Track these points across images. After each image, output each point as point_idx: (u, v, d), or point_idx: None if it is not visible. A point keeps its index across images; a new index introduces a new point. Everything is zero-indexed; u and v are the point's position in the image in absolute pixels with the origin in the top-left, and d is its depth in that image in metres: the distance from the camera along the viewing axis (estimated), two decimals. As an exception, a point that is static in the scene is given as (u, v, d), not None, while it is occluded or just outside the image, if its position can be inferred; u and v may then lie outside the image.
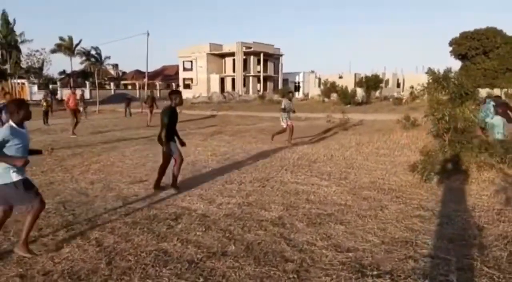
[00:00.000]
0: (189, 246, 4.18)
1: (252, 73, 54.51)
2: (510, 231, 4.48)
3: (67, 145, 11.94)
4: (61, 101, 41.51)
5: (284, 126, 11.64)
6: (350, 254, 3.94)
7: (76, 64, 63.09)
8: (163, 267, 3.72)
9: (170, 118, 6.32)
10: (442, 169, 6.93)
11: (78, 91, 30.06)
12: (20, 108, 3.96)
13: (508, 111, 8.94)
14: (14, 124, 3.93)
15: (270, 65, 57.35)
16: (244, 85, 54.52)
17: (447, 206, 5.49)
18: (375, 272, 3.54)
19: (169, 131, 6.34)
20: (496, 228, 4.61)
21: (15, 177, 3.90)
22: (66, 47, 59.09)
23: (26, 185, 4.02)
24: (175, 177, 6.56)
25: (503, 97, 36.28)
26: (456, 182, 6.69)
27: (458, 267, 3.63)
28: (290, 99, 12.10)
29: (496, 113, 8.66)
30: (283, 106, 11.68)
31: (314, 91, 50.74)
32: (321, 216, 5.10)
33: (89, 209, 5.52)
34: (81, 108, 24.68)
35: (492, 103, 8.70)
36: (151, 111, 19.17)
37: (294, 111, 12.05)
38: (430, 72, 14.91)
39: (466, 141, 7.00)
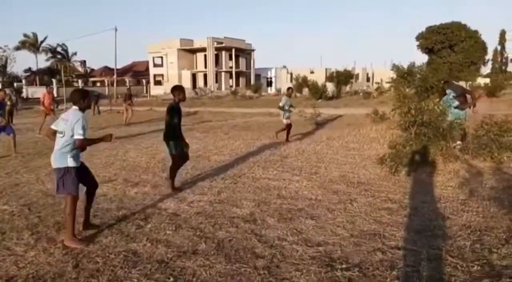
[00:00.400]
0: (159, 246, 4.13)
1: (224, 69, 54.26)
2: (474, 221, 4.64)
3: (32, 146, 11.58)
4: (26, 99, 40.34)
5: (285, 122, 11.26)
6: (320, 248, 3.99)
7: (42, 61, 61.25)
8: (132, 268, 3.66)
9: (179, 115, 6.27)
10: (410, 161, 7.11)
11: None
12: (84, 98, 4.38)
13: (467, 97, 9.06)
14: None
15: (242, 60, 57.20)
16: (216, 81, 54.23)
17: (414, 198, 5.63)
18: (344, 265, 3.60)
19: (179, 129, 6.31)
20: (460, 218, 4.76)
21: (70, 162, 4.25)
22: (31, 44, 57.23)
23: (77, 173, 4.35)
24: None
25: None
26: (422, 174, 6.87)
27: (424, 258, 3.73)
28: (289, 96, 11.77)
29: (456, 106, 8.78)
30: (281, 104, 11.34)
31: (286, 86, 50.94)
32: (292, 211, 5.14)
33: (56, 211, 5.37)
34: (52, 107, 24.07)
35: (452, 94, 8.85)
36: (127, 109, 17.91)
37: (293, 107, 11.72)
38: (395, 68, 15.26)
39: (432, 133, 7.18)
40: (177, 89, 6.41)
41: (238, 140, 11.63)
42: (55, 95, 25.95)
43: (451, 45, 47.82)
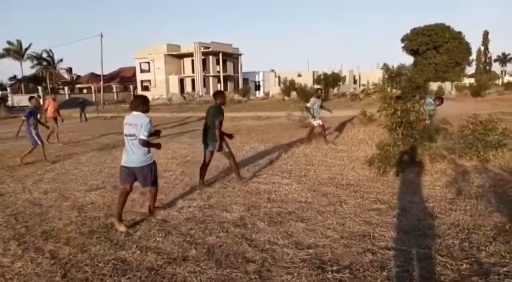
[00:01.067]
0: (148, 253, 4.09)
1: (211, 73, 54.21)
2: (462, 220, 4.69)
3: (18, 154, 11.40)
4: (11, 107, 39.79)
5: (315, 124, 11.01)
6: (311, 251, 3.99)
7: (27, 68, 60.55)
8: (121, 276, 3.62)
9: (222, 116, 6.67)
10: (397, 162, 7.16)
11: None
12: (145, 103, 5.05)
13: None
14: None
15: (230, 65, 57.24)
16: (204, 85, 54.15)
17: (403, 198, 5.67)
18: (334, 268, 3.61)
19: (220, 129, 6.67)
20: (448, 217, 4.81)
21: (151, 160, 5.04)
22: (15, 51, 56.58)
23: (155, 167, 5.13)
24: (237, 171, 7.05)
25: (454, 90, 37.83)
26: (410, 174, 6.94)
27: (414, 257, 3.76)
28: (318, 97, 11.32)
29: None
30: (309, 105, 11.02)
31: (275, 90, 51.17)
32: (282, 215, 5.14)
33: (43, 220, 5.29)
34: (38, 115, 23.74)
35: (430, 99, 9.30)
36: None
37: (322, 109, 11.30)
38: (386, 68, 15.36)
39: (418, 134, 7.26)
40: (219, 94, 6.82)
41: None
42: (41, 103, 25.68)
43: (435, 47, 48.49)
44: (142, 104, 5.01)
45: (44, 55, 59.31)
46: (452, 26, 48.85)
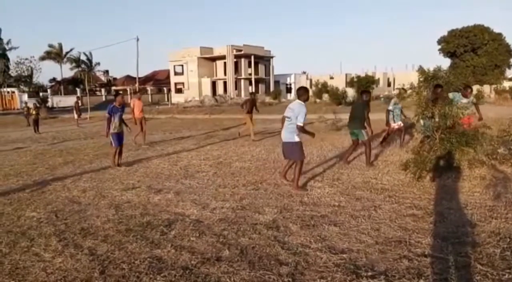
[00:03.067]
0: (183, 252, 4.16)
1: (243, 76, 54.53)
2: (502, 228, 4.52)
3: (58, 153, 11.86)
4: (51, 108, 41.37)
5: (395, 126, 10.65)
6: (344, 256, 3.94)
7: (66, 71, 62.83)
8: (157, 274, 3.69)
9: (369, 109, 8.43)
10: (434, 167, 6.97)
11: (73, 99, 29.62)
12: (306, 93, 6.62)
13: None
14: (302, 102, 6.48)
15: (261, 67, 57.39)
16: (236, 88, 54.52)
17: (440, 204, 5.52)
18: (369, 273, 3.55)
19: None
20: (488, 224, 4.64)
21: (297, 138, 6.39)
22: (56, 54, 58.85)
23: (300, 145, 6.47)
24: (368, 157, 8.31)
25: (493, 93, 36.39)
26: (448, 180, 6.74)
27: (452, 266, 3.65)
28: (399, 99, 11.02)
29: None
30: (390, 107, 10.78)
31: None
32: (314, 218, 5.10)
33: (82, 218, 5.47)
34: (75, 116, 24.59)
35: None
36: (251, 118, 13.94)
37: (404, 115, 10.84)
38: (421, 70, 14.98)
39: (456, 139, 7.03)
40: (305, 91, 6.91)
41: (259, 146, 11.65)
42: (80, 104, 26.55)
43: (474, 49, 46.88)
44: (303, 94, 6.55)
45: (83, 58, 61.47)
46: (492, 28, 47.19)
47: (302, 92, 6.69)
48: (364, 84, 38.41)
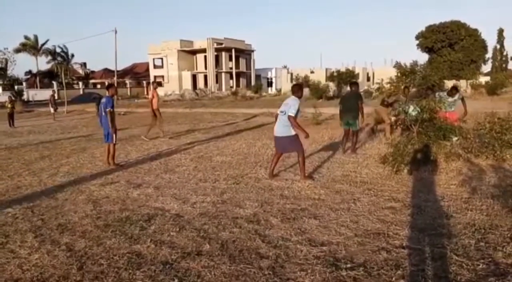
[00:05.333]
0: (163, 247, 4.12)
1: (224, 70, 54.28)
2: (477, 219, 4.63)
3: (34, 148, 11.59)
4: (27, 102, 40.37)
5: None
6: (324, 248, 3.98)
7: (42, 63, 61.35)
8: (136, 269, 3.65)
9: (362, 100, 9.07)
10: (412, 160, 7.10)
11: (49, 92, 28.89)
12: (300, 90, 6.86)
13: None
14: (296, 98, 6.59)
15: (242, 61, 57.22)
16: (217, 81, 54.24)
17: (417, 197, 5.62)
18: (349, 265, 3.59)
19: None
20: (464, 216, 4.75)
21: (293, 131, 6.52)
22: (31, 46, 57.33)
23: (296, 137, 6.56)
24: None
25: (469, 88, 37.26)
26: (425, 173, 6.86)
27: (429, 257, 3.72)
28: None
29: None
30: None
31: (287, 86, 50.98)
32: (295, 211, 5.13)
33: (59, 213, 5.36)
34: (52, 110, 23.99)
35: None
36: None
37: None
38: (398, 66, 15.20)
39: (433, 132, 7.18)
40: (299, 88, 7.03)
41: (239, 140, 11.63)
42: (56, 98, 25.94)
43: (451, 44, 47.77)
44: (298, 90, 6.77)
45: (58, 50, 60.03)
46: (468, 23, 48.11)
47: (297, 89, 6.87)
48: (345, 79, 38.71)
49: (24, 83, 54.69)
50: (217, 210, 5.29)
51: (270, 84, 59.09)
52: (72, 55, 62.20)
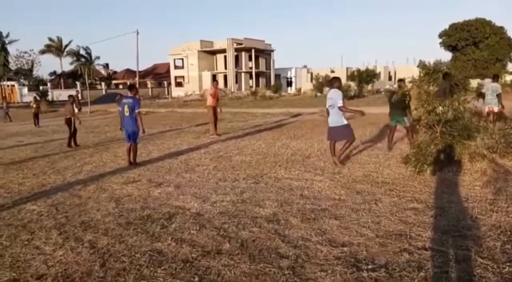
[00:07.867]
0: (183, 245, 4.16)
1: (244, 70, 54.41)
2: (503, 221, 4.51)
3: (58, 147, 11.85)
4: (51, 102, 41.31)
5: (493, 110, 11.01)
6: (345, 249, 3.94)
7: (66, 64, 62.67)
8: (157, 267, 3.70)
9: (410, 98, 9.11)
10: (435, 160, 6.95)
11: (73, 92, 29.51)
12: (338, 82, 7.80)
13: None
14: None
15: (262, 61, 57.26)
16: (236, 81, 54.42)
17: (441, 198, 5.51)
18: (370, 266, 3.54)
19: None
20: (489, 218, 4.63)
21: (346, 121, 7.50)
22: (56, 47, 58.70)
23: (349, 126, 7.52)
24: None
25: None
26: (448, 173, 6.72)
27: (452, 259, 3.64)
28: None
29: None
30: (488, 90, 11.25)
31: (307, 86, 50.80)
32: (315, 211, 5.10)
33: (82, 211, 5.48)
34: (76, 110, 24.44)
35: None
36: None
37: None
38: (422, 65, 14.92)
39: (457, 132, 7.02)
40: (337, 79, 8.03)
41: (259, 140, 11.63)
42: (80, 98, 26.46)
43: (475, 42, 46.64)
44: (335, 82, 7.71)
45: (82, 52, 61.27)
46: (493, 21, 46.89)
47: (335, 80, 7.88)
48: (365, 78, 38.34)
49: (48, 84, 56.08)
50: (236, 209, 5.30)
51: (289, 84, 58.92)
52: (98, 57, 63.43)
